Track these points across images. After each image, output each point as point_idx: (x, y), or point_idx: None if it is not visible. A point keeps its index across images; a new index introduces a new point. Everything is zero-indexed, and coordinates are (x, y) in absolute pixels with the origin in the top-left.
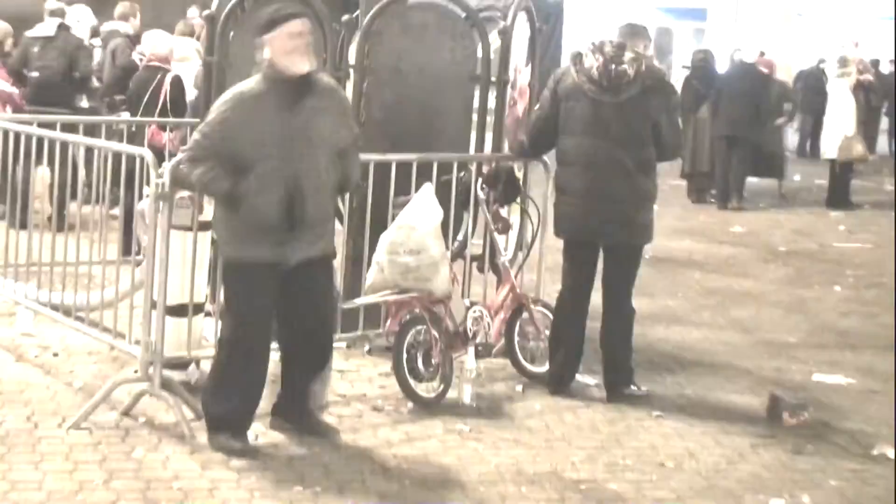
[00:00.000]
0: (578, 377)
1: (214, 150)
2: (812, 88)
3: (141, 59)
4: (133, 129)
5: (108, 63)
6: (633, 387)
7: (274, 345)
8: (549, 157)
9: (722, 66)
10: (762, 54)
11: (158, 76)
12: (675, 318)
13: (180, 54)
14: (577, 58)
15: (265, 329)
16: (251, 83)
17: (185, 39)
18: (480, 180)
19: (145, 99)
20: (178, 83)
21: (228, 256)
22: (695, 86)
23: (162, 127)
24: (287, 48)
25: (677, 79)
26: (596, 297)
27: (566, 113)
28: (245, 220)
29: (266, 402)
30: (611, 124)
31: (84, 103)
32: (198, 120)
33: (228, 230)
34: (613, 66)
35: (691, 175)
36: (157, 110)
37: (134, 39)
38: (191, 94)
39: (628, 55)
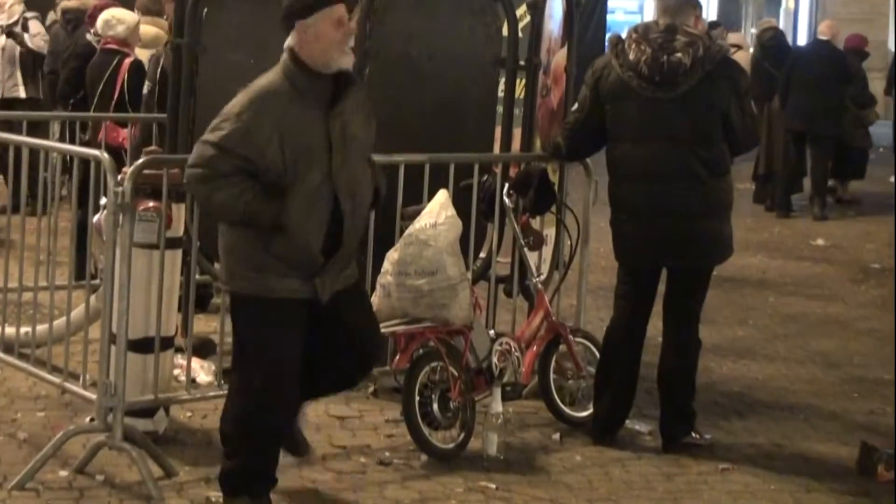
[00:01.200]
0: (628, 423)
1: (238, 167)
2: None
3: (99, 42)
4: (89, 125)
5: (72, 51)
6: (694, 434)
7: None
8: (592, 157)
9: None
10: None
11: (115, 61)
12: (745, 351)
13: (149, 37)
14: (618, 47)
15: (296, 374)
16: (271, 80)
17: (153, 20)
18: (507, 185)
19: (99, 89)
20: (137, 70)
21: (251, 293)
22: (767, 69)
23: (120, 122)
24: (331, 38)
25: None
26: (650, 327)
27: (614, 116)
28: (278, 250)
29: None
30: (671, 124)
31: (21, 93)
32: (161, 115)
33: (249, 260)
34: (665, 57)
35: (766, 177)
36: (114, 103)
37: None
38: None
39: (681, 39)
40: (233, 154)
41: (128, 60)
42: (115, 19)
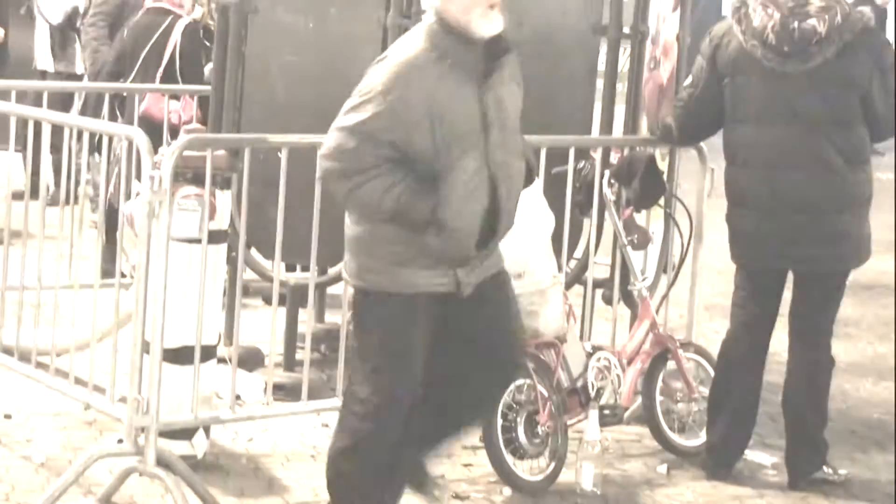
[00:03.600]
0: (748, 454)
1: (383, 156)
2: None
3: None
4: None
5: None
6: (826, 469)
7: None
8: (708, 141)
9: None
10: None
11: (166, 23)
12: (887, 371)
13: None
14: (741, 11)
15: (417, 380)
16: (414, 48)
17: None
18: (608, 174)
19: (142, 55)
20: (192, 34)
21: (384, 289)
22: None
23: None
24: (478, 1)
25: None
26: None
27: (733, 92)
28: (427, 245)
29: None
30: (800, 103)
31: (49, 66)
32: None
33: (385, 254)
34: (796, 24)
35: None
36: (161, 71)
37: None
38: None
39: (815, 3)
40: (378, 142)
41: (182, 22)
42: None
